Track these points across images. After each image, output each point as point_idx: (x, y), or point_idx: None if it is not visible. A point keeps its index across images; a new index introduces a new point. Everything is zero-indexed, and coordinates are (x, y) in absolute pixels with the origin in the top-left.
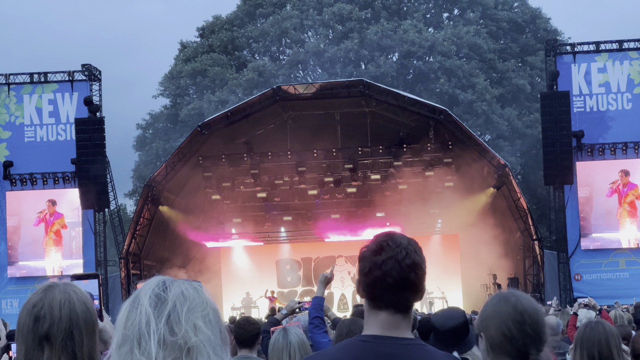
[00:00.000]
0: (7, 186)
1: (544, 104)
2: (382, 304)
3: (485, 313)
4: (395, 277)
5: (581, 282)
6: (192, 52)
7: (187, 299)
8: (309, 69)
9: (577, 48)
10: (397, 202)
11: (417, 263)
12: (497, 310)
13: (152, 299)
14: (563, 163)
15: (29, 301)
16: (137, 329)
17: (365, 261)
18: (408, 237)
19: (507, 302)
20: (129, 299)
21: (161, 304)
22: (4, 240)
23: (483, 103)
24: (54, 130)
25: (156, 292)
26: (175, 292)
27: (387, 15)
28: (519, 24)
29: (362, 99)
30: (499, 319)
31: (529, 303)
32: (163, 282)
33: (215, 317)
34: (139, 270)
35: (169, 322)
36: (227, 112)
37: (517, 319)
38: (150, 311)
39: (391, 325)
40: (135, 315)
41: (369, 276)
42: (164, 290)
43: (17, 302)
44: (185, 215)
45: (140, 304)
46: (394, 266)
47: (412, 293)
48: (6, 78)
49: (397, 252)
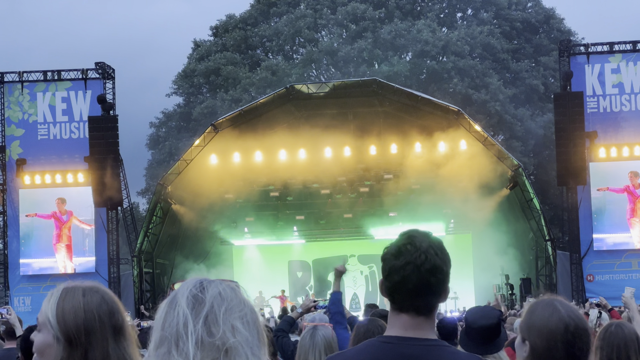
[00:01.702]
0: (20, 184)
1: (557, 104)
2: (403, 306)
3: (533, 322)
4: (414, 282)
5: (593, 282)
6: (206, 51)
7: (225, 299)
8: (322, 68)
9: (590, 49)
10: (410, 202)
11: (438, 266)
12: (548, 325)
13: (189, 299)
14: (576, 164)
15: None
16: (174, 330)
17: (385, 264)
18: (431, 237)
19: (560, 319)
20: (166, 300)
21: (199, 305)
22: (17, 237)
23: (496, 103)
24: (67, 128)
25: (193, 292)
26: (213, 292)
27: (400, 15)
28: (533, 24)
29: (375, 98)
30: (549, 334)
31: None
32: (200, 283)
33: (253, 317)
34: (152, 268)
35: (207, 323)
36: (240, 111)
37: (568, 339)
38: (188, 312)
39: (413, 326)
40: (172, 316)
41: (390, 280)
42: (201, 291)
43: (29, 300)
44: (198, 213)
45: (177, 305)
46: (413, 271)
47: (433, 296)
48: (20, 76)
49: (416, 256)
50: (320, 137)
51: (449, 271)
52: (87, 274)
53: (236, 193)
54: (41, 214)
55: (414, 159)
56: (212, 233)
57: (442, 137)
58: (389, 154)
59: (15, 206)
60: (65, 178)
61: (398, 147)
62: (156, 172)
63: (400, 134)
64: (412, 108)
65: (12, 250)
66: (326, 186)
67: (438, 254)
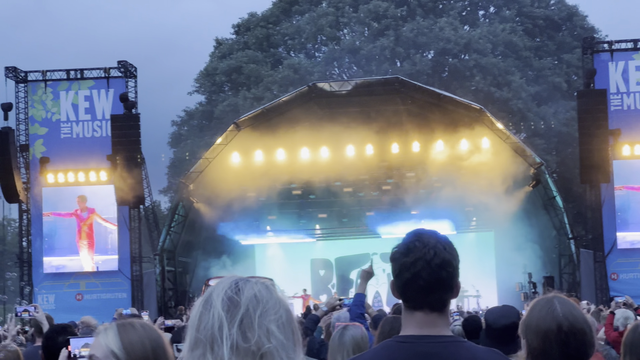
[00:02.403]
0: (43, 182)
1: (580, 102)
2: (416, 304)
3: (529, 321)
4: (425, 278)
5: (617, 281)
6: (228, 49)
7: (260, 301)
8: (344, 67)
9: (614, 46)
10: (432, 200)
11: (448, 261)
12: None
13: (224, 302)
14: (600, 161)
15: None
16: (210, 332)
17: (395, 263)
18: (436, 233)
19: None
20: (201, 299)
21: (234, 308)
22: (40, 236)
23: (519, 101)
24: (90, 126)
25: (229, 294)
26: (248, 294)
27: (422, 13)
28: (556, 22)
29: (397, 96)
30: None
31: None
32: (236, 284)
33: (288, 318)
34: (174, 267)
35: (242, 327)
36: (262, 109)
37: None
38: (223, 315)
39: (428, 324)
40: (208, 318)
41: (400, 278)
42: (237, 292)
43: (52, 298)
44: (220, 211)
45: (213, 307)
46: (424, 267)
47: (445, 292)
48: (43, 75)
49: (425, 252)
50: (343, 135)
51: (458, 266)
52: (110, 272)
53: (258, 191)
54: (60, 212)
55: (436, 157)
56: (234, 231)
57: (464, 135)
58: (411, 152)
59: (39, 204)
60: (87, 176)
61: (420, 145)
62: (178, 170)
63: (423, 132)
64: (434, 106)
65: (35, 248)
66: (349, 184)
67: (446, 249)
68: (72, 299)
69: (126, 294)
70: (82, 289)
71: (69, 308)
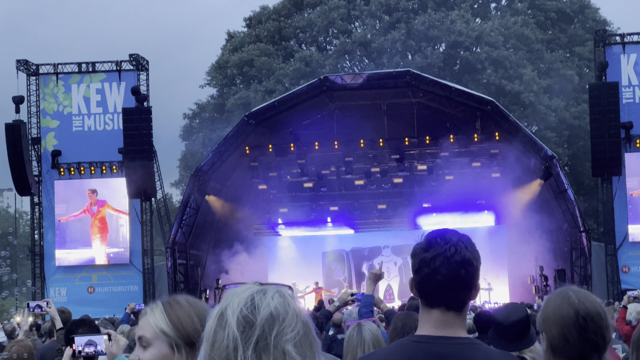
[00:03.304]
0: (55, 175)
1: (592, 95)
2: (433, 301)
3: (546, 313)
4: (444, 274)
5: (629, 274)
6: (239, 42)
7: (276, 320)
8: (355, 59)
9: (626, 38)
10: (444, 193)
11: (468, 259)
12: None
13: (239, 321)
14: (611, 154)
15: None
16: (224, 353)
17: (415, 258)
18: (459, 232)
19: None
20: (216, 311)
21: (249, 329)
22: (52, 228)
23: (530, 94)
24: (102, 119)
25: (244, 313)
26: (264, 314)
27: (434, 6)
28: (568, 14)
29: (409, 89)
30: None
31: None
32: (252, 300)
33: (306, 332)
34: (185, 260)
35: (257, 349)
36: (273, 102)
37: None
38: (238, 335)
39: (444, 324)
40: (222, 337)
41: (419, 274)
42: (252, 310)
43: (65, 290)
44: (232, 204)
45: (228, 325)
46: (443, 263)
47: (463, 290)
48: (55, 68)
49: (446, 248)
50: (354, 127)
51: (479, 267)
52: (121, 265)
53: (270, 184)
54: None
55: (447, 150)
56: (245, 224)
57: (475, 128)
58: (423, 144)
59: (51, 197)
60: (99, 169)
61: (431, 138)
62: (190, 163)
63: (434, 125)
64: (446, 99)
65: (47, 241)
66: (360, 177)
67: (468, 248)
68: (84, 292)
69: (138, 286)
70: (93, 281)
71: (81, 301)
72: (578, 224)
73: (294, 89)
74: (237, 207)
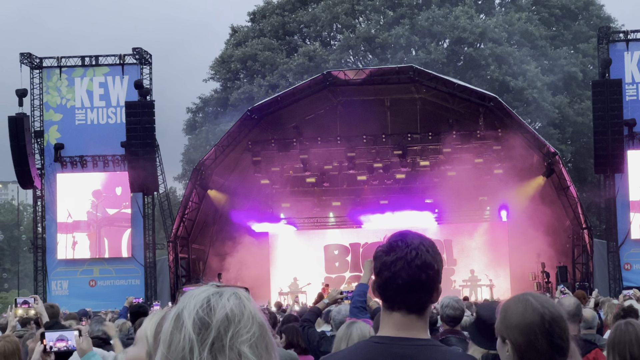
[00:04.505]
0: (58, 168)
1: (595, 92)
2: (394, 304)
3: (510, 320)
4: (404, 278)
5: (631, 271)
6: (243, 37)
7: (232, 322)
8: (359, 55)
9: (630, 36)
10: (446, 189)
11: (429, 263)
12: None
13: (195, 323)
14: (614, 151)
15: None
16: (180, 355)
17: (377, 261)
18: (421, 236)
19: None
20: (173, 313)
21: (205, 330)
22: (54, 222)
23: (534, 90)
24: (105, 113)
25: (200, 315)
26: (220, 315)
27: (438, 1)
28: (572, 11)
29: (412, 85)
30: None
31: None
32: (207, 302)
33: (262, 333)
34: (187, 254)
35: (213, 350)
36: (277, 97)
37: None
38: (194, 337)
39: (405, 326)
40: (179, 339)
41: (381, 277)
42: (208, 312)
43: (66, 284)
44: (234, 199)
45: (184, 327)
46: (403, 267)
47: (424, 293)
48: (58, 61)
49: (407, 252)
50: (357, 123)
51: (440, 270)
52: (123, 259)
53: (272, 179)
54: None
55: (450, 146)
56: (247, 219)
57: (478, 124)
58: (425, 140)
59: (53, 190)
60: (102, 163)
61: (434, 134)
62: (193, 157)
63: (437, 121)
64: (449, 95)
65: (50, 234)
66: (363, 172)
67: (429, 251)
68: (86, 285)
69: (139, 280)
70: (95, 275)
71: (83, 294)
72: (580, 220)
73: (297, 83)
74: (239, 202)
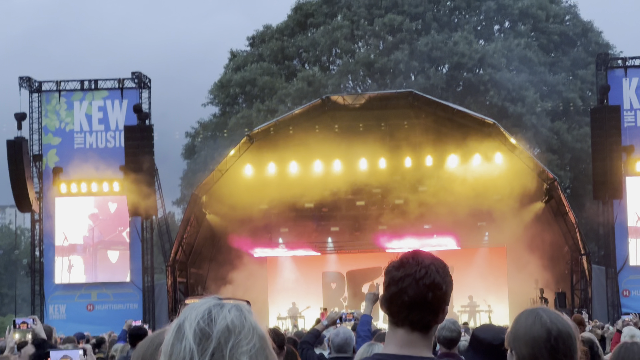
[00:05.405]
0: (56, 192)
1: (594, 118)
2: (399, 320)
3: (517, 332)
4: (411, 295)
5: (629, 298)
6: (242, 61)
7: (232, 332)
8: (358, 80)
9: (628, 62)
10: (445, 214)
11: (437, 283)
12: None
13: (196, 333)
14: (613, 178)
15: None
16: None
17: (386, 276)
18: (434, 256)
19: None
20: (174, 325)
21: (205, 340)
22: (53, 246)
23: (532, 116)
24: (103, 137)
25: (201, 326)
26: (220, 326)
27: (437, 27)
28: (570, 37)
29: (411, 110)
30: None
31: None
32: (209, 313)
33: (262, 345)
34: (186, 278)
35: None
36: (275, 122)
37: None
38: (194, 347)
39: (408, 343)
40: (179, 349)
41: (388, 291)
42: (209, 323)
43: (64, 308)
44: (233, 223)
45: (184, 338)
46: (411, 284)
47: (429, 313)
48: (57, 85)
49: (417, 270)
50: (356, 148)
51: (449, 292)
52: (121, 283)
53: (270, 204)
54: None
55: (449, 172)
56: (246, 244)
57: (477, 149)
58: (424, 166)
59: (51, 214)
60: (100, 187)
61: (433, 160)
62: (191, 181)
63: (436, 146)
64: (448, 120)
65: (48, 258)
66: (361, 197)
67: (439, 272)
68: (84, 310)
69: (137, 304)
70: (93, 299)
71: (80, 318)
72: (579, 246)
73: (296, 108)
74: (237, 226)
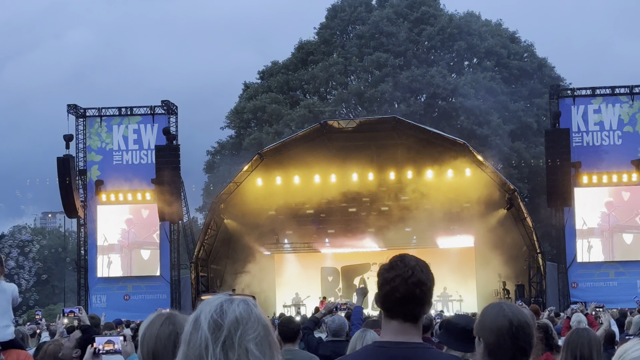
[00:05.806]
0: (98, 201)
1: (548, 139)
2: (393, 314)
3: (484, 322)
4: (401, 292)
5: (577, 289)
6: (254, 92)
7: (241, 323)
8: (351, 107)
9: (576, 92)
10: (423, 219)
11: (422, 281)
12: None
13: (210, 324)
14: (563, 189)
15: None
16: (197, 351)
17: (380, 277)
18: (417, 258)
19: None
20: (192, 317)
21: (218, 330)
22: (95, 246)
23: (497, 137)
24: (138, 155)
25: (214, 318)
26: (230, 318)
27: (417, 63)
28: (528, 71)
29: (394, 132)
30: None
31: (523, 318)
32: (221, 307)
33: (266, 333)
34: (207, 273)
35: (224, 347)
36: (282, 142)
37: (513, 332)
38: (209, 336)
39: (402, 332)
40: (196, 338)
41: (382, 290)
42: (221, 315)
43: (105, 298)
44: (246, 227)
45: (200, 328)
46: (401, 283)
47: (417, 306)
48: (99, 111)
49: (405, 271)
50: (348, 164)
51: (432, 287)
52: (153, 277)
53: (278, 210)
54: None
55: (426, 183)
56: (257, 243)
57: (450, 165)
58: (406, 179)
59: (94, 219)
60: (135, 197)
61: (413, 174)
62: (212, 192)
63: (415, 163)
64: (425, 141)
65: (91, 256)
66: (353, 205)
67: (423, 271)
68: (121, 299)
69: (166, 295)
70: (129, 290)
71: (118, 306)
72: (535, 246)
73: (299, 131)
74: (250, 229)
